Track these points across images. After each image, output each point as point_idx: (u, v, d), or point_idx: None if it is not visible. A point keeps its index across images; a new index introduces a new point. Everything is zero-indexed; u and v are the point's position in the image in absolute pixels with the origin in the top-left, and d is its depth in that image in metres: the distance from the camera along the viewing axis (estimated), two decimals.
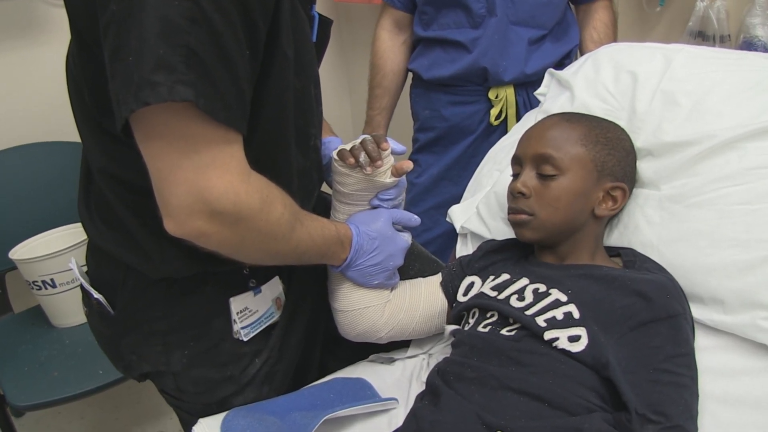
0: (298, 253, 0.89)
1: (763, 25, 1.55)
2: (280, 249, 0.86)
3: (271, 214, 0.80)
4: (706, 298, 0.92)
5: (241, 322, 0.99)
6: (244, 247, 0.82)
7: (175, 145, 0.71)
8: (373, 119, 1.78)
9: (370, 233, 1.00)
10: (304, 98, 0.93)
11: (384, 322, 1.07)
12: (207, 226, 0.75)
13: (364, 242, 0.99)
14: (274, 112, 0.85)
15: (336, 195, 1.06)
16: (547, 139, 0.98)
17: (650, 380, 0.83)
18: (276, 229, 0.82)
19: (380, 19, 1.71)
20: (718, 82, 1.02)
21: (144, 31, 0.67)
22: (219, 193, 0.73)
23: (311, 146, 0.99)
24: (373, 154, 0.97)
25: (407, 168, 1.00)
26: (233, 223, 0.76)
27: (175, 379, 1.01)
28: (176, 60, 0.67)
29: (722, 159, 0.96)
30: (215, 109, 0.70)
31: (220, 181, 0.73)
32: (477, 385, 0.89)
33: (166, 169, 0.73)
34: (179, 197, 0.73)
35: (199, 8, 0.67)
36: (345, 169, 1.00)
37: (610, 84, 1.14)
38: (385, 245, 1.01)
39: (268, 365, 1.05)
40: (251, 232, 0.79)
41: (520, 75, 1.55)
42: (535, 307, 0.92)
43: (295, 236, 0.85)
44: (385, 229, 1.01)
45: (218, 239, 0.78)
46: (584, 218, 0.98)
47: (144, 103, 0.67)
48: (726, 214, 0.92)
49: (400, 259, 1.04)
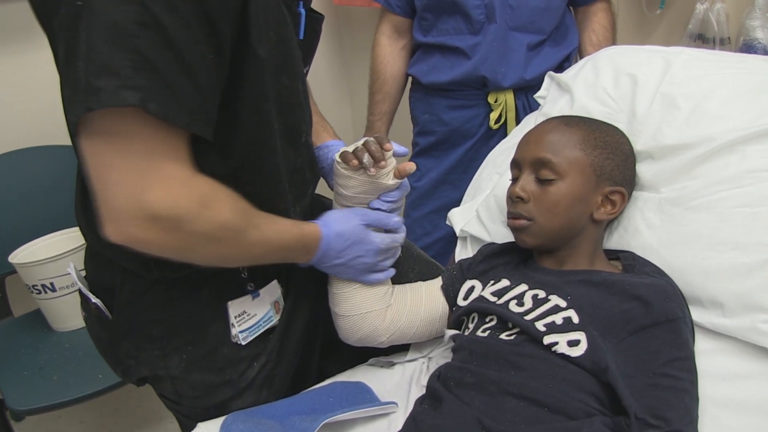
0: (252, 256, 0.88)
1: (762, 28, 1.55)
2: (230, 253, 0.84)
3: (215, 218, 0.78)
4: (706, 301, 0.91)
5: (239, 326, 0.99)
6: (188, 251, 0.81)
7: (115, 150, 0.70)
8: (373, 124, 1.78)
9: (342, 233, 0.98)
10: (293, 95, 0.93)
11: (385, 327, 1.06)
12: (145, 231, 0.73)
13: (333, 243, 0.97)
14: (253, 112, 0.84)
15: (338, 198, 1.05)
16: (546, 144, 0.98)
17: (650, 384, 0.82)
18: (221, 234, 0.80)
19: (380, 25, 1.71)
20: (717, 85, 1.02)
21: (91, 36, 0.66)
22: (157, 198, 0.72)
23: (302, 143, 0.99)
24: (377, 155, 0.95)
25: (410, 170, 0.99)
26: (172, 228, 0.75)
27: (173, 383, 1.01)
28: (123, 65, 0.67)
29: (722, 162, 0.96)
30: (170, 113, 0.70)
31: (159, 186, 0.72)
32: (477, 390, 0.89)
33: (105, 173, 0.71)
34: (117, 201, 0.72)
35: (149, 12, 0.67)
36: (348, 172, 0.99)
37: (610, 87, 1.14)
38: (355, 246, 0.99)
39: (267, 369, 1.04)
40: (193, 237, 0.78)
41: (520, 80, 1.55)
42: (534, 312, 0.92)
43: (246, 240, 0.84)
44: (358, 230, 0.99)
45: (158, 245, 0.76)
46: (583, 223, 0.98)
47: (87, 108, 0.67)
48: (725, 217, 0.92)
49: (370, 259, 1.01)
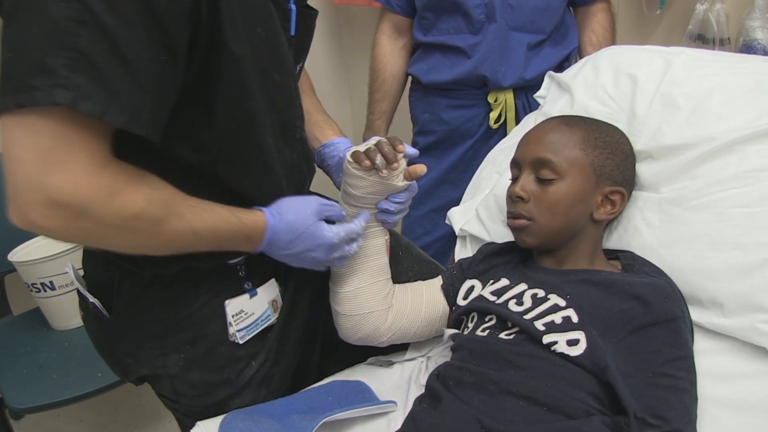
0: (177, 246, 0.85)
1: (762, 28, 1.55)
2: (148, 243, 0.82)
3: (126, 208, 0.76)
4: (705, 301, 0.92)
5: (236, 325, 0.99)
6: (98, 240, 0.80)
7: (32, 140, 0.70)
8: (373, 123, 1.78)
9: (292, 224, 0.94)
10: (285, 92, 0.92)
11: (387, 328, 1.06)
12: (46, 217, 0.72)
13: (280, 233, 0.93)
14: (234, 109, 0.84)
15: (345, 197, 1.03)
16: (546, 143, 0.98)
17: (649, 384, 0.82)
18: (134, 224, 0.78)
19: (380, 24, 1.71)
20: (717, 85, 1.02)
21: (28, 32, 0.66)
22: (58, 183, 0.71)
23: (297, 138, 0.98)
24: (389, 157, 0.94)
25: (421, 172, 0.98)
26: (75, 216, 0.73)
27: (171, 382, 1.01)
28: (58, 63, 0.66)
29: (721, 162, 0.96)
30: (107, 112, 0.69)
31: (62, 172, 0.71)
32: (476, 389, 0.89)
33: (13, 153, 0.71)
34: (18, 183, 0.71)
35: (88, 10, 0.66)
36: (359, 172, 0.98)
37: (610, 87, 1.14)
38: (305, 238, 0.95)
39: (266, 368, 1.04)
40: (101, 227, 0.76)
41: (520, 80, 1.55)
42: (533, 311, 0.92)
43: (166, 229, 0.81)
44: (310, 221, 0.95)
45: (62, 233, 0.75)
46: (583, 223, 0.98)
47: (18, 104, 0.67)
48: (725, 217, 0.92)
49: (320, 254, 0.97)
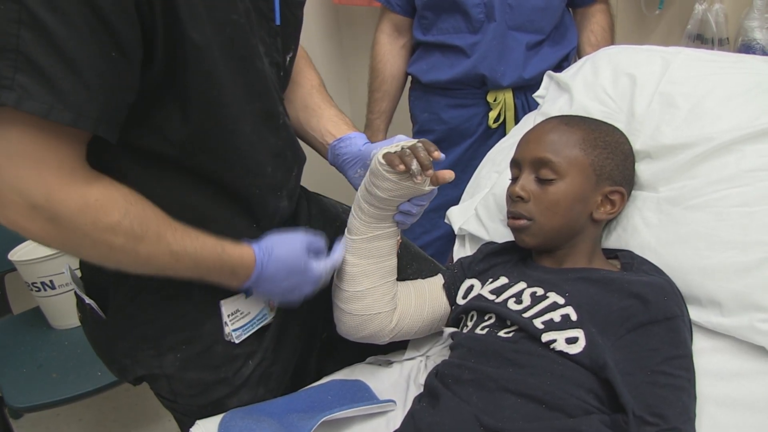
0: (154, 267, 0.84)
1: (760, 29, 1.56)
2: (124, 259, 0.81)
3: (99, 219, 0.76)
4: (704, 300, 0.92)
5: (232, 325, 0.99)
6: (75, 249, 0.80)
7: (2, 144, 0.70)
8: (372, 122, 1.78)
9: (284, 260, 0.94)
10: (263, 80, 0.92)
11: (391, 329, 1.06)
12: (29, 220, 0.73)
13: (270, 269, 0.93)
14: (207, 101, 0.84)
15: (366, 197, 1.00)
16: (546, 143, 0.98)
17: (648, 382, 0.83)
18: (108, 238, 0.77)
19: (380, 23, 1.71)
20: (716, 84, 1.02)
21: None
22: (33, 189, 0.72)
23: (281, 125, 0.98)
24: (425, 163, 0.90)
25: (449, 178, 0.95)
26: (52, 221, 0.74)
27: (169, 382, 1.01)
28: (1, 65, 0.67)
29: (720, 161, 0.96)
30: (53, 111, 0.69)
31: (35, 177, 0.72)
32: (475, 386, 0.89)
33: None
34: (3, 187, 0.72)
35: (27, 10, 0.66)
36: (390, 175, 0.94)
37: (609, 86, 1.14)
38: (296, 274, 0.95)
39: (263, 367, 1.04)
40: (75, 235, 0.76)
41: (519, 80, 1.55)
42: (532, 309, 0.92)
43: (143, 248, 0.80)
44: (300, 257, 0.95)
45: (45, 237, 0.76)
46: (582, 222, 0.98)
47: None
48: (724, 217, 0.92)
49: (308, 288, 0.98)
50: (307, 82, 1.17)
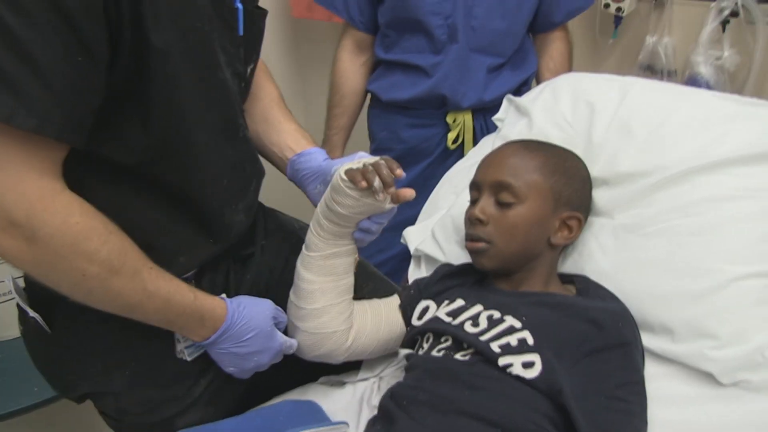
0: (124, 303, 0.82)
1: (705, 63, 1.63)
2: (96, 289, 0.79)
3: (79, 243, 0.74)
4: (657, 326, 0.93)
5: (184, 342, 0.96)
6: (46, 271, 0.77)
7: None
8: (330, 138, 1.77)
9: (252, 320, 0.94)
10: (224, 89, 0.91)
11: (346, 348, 1.04)
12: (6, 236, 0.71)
13: (238, 327, 0.93)
14: (168, 108, 0.82)
15: (326, 213, 0.99)
16: (507, 167, 0.99)
17: (602, 407, 0.83)
18: (83, 265, 0.75)
19: (342, 40, 1.71)
20: (671, 114, 1.05)
21: None
22: (11, 201, 0.70)
23: (240, 138, 0.97)
24: (388, 181, 0.90)
25: (410, 196, 0.96)
26: (29, 239, 0.72)
27: (116, 399, 0.98)
28: None
29: (674, 190, 0.98)
30: (15, 117, 0.67)
31: (12, 189, 0.70)
32: (430, 408, 0.88)
33: None
34: None
35: None
36: (352, 191, 0.94)
37: (568, 112, 1.16)
38: (260, 338, 0.95)
39: (215, 385, 1.02)
40: (51, 257, 0.74)
41: (479, 102, 1.56)
42: (489, 332, 0.91)
43: (117, 282, 0.79)
44: (269, 324, 0.96)
45: (13, 254, 0.73)
46: (540, 247, 0.99)
47: None
48: (677, 245, 0.94)
49: (266, 358, 0.98)
50: (266, 96, 1.16)
